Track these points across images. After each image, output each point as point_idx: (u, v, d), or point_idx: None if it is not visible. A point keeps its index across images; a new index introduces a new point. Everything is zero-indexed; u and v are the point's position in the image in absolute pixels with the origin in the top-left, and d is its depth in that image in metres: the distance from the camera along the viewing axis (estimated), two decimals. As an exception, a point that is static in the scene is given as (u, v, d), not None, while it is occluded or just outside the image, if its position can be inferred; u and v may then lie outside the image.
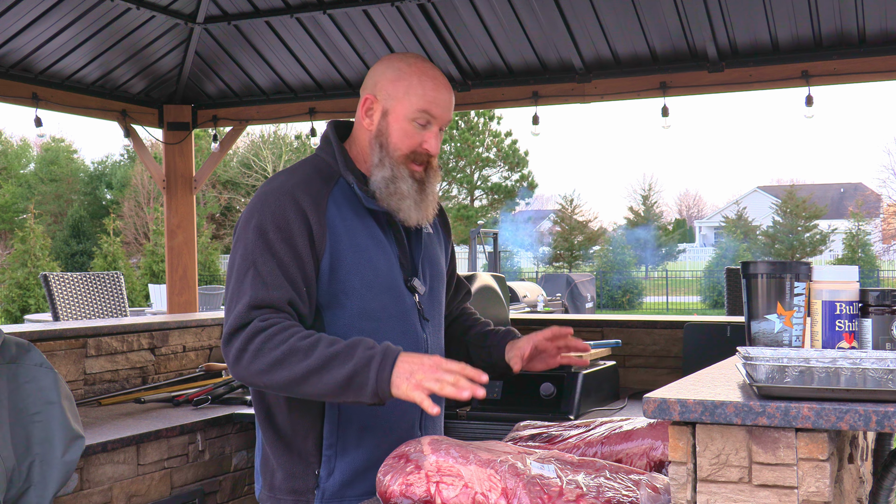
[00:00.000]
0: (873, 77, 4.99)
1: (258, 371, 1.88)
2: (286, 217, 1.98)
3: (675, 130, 76.58)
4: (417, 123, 2.05)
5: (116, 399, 3.49)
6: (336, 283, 2.00)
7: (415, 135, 2.05)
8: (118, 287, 5.79)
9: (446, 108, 2.08)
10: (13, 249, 19.37)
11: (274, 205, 1.99)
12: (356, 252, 2.02)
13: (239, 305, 1.93)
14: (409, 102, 2.04)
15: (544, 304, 16.86)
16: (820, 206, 36.44)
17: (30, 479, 2.33)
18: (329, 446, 2.02)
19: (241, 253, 1.99)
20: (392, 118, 2.05)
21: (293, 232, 1.97)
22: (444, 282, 2.25)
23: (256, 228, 1.98)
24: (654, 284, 32.24)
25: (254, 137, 33.65)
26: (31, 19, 5.12)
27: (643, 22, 5.04)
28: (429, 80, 2.06)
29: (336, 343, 1.88)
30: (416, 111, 2.04)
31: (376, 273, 2.04)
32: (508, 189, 34.27)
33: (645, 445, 1.94)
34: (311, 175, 2.06)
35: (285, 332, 1.89)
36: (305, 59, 5.93)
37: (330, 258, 2.00)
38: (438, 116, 2.06)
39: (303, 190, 2.01)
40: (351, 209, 2.05)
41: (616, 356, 3.68)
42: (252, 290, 1.93)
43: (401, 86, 2.05)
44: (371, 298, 2.03)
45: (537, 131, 5.88)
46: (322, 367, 1.84)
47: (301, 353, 1.86)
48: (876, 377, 1.37)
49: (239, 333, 1.91)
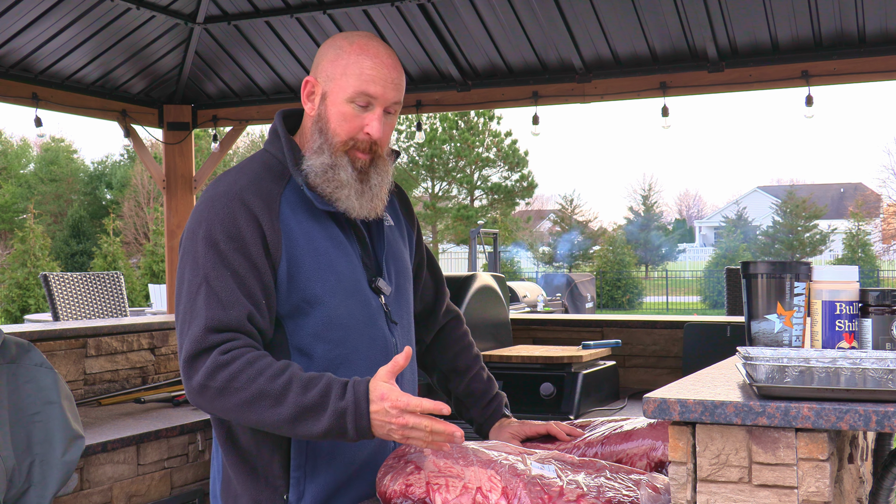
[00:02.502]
0: (873, 77, 4.99)
1: (224, 409, 1.74)
2: (237, 224, 1.80)
3: (675, 130, 76.61)
4: (357, 105, 1.87)
5: (116, 399, 3.49)
6: (296, 291, 1.84)
7: (354, 118, 1.87)
8: (118, 287, 5.79)
9: (389, 86, 1.88)
10: (13, 249, 19.37)
11: (223, 211, 1.81)
12: (315, 256, 1.86)
13: (193, 328, 1.76)
14: (345, 83, 1.86)
15: (544, 304, 16.87)
16: (820, 206, 36.46)
17: (30, 479, 2.33)
18: (297, 467, 1.86)
19: (191, 268, 1.81)
20: (330, 101, 1.88)
21: (246, 240, 1.80)
22: (410, 278, 2.09)
23: (205, 239, 1.80)
24: (654, 284, 32.25)
25: (254, 137, 33.66)
26: (31, 19, 5.12)
27: (643, 22, 5.04)
28: (367, 58, 1.87)
29: (308, 388, 1.71)
30: (354, 92, 1.86)
31: (339, 278, 1.87)
32: (508, 189, 34.26)
33: (645, 446, 1.93)
34: (261, 174, 1.88)
35: (251, 367, 1.72)
36: (305, 59, 5.93)
37: (287, 265, 1.83)
38: (379, 96, 1.87)
39: (252, 192, 1.84)
40: (305, 209, 1.89)
41: (616, 356, 3.68)
42: (207, 311, 1.76)
43: (339, 65, 1.88)
44: (336, 305, 1.86)
45: (537, 131, 5.87)
46: (295, 418, 1.71)
47: (271, 399, 1.71)
48: (876, 377, 1.37)
49: (197, 362, 1.75)
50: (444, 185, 34.18)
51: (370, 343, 1.92)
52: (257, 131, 33.65)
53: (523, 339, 3.97)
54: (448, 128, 33.23)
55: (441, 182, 33.86)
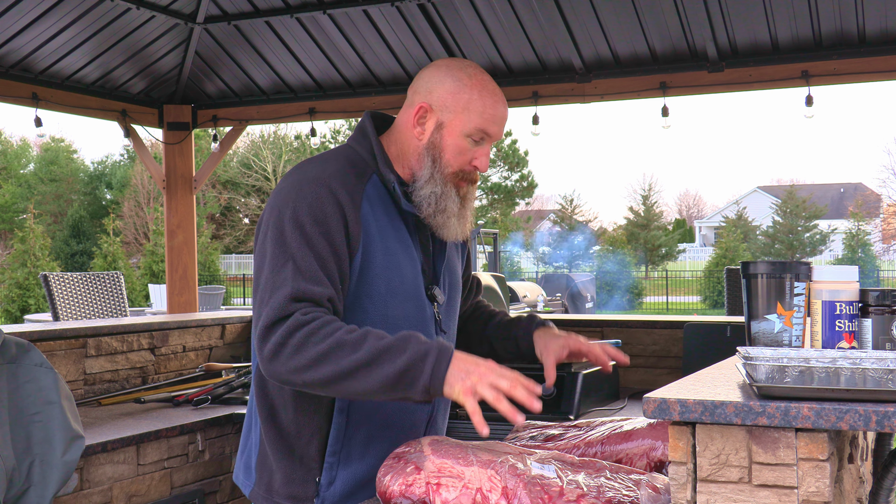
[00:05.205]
0: (873, 77, 4.99)
1: (298, 367, 1.76)
2: (323, 209, 1.85)
3: (675, 130, 76.62)
4: (472, 140, 1.94)
5: (116, 399, 3.49)
6: (363, 285, 1.90)
7: (468, 151, 1.95)
8: (118, 287, 5.79)
9: (503, 125, 1.98)
10: (13, 249, 19.38)
11: (311, 195, 1.86)
12: (386, 255, 1.92)
13: (277, 296, 1.79)
14: (467, 119, 1.93)
15: (544, 304, 16.87)
16: (820, 206, 36.50)
17: (30, 479, 2.33)
18: (332, 453, 1.93)
19: (277, 242, 1.84)
20: (447, 132, 1.94)
21: (330, 226, 1.84)
22: (460, 291, 2.16)
23: (292, 220, 1.84)
24: (654, 284, 32.25)
25: (254, 137, 33.70)
26: (31, 19, 5.12)
27: (643, 22, 5.04)
28: (489, 96, 1.94)
29: (385, 336, 1.76)
30: (474, 128, 1.93)
31: (402, 279, 1.94)
32: (508, 189, 34.28)
33: (645, 445, 1.94)
34: (345, 167, 1.93)
35: (329, 325, 1.76)
36: (305, 59, 5.93)
37: (362, 258, 1.89)
38: (494, 135, 1.96)
39: (339, 182, 1.89)
40: (383, 209, 1.94)
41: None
42: (293, 282, 1.80)
43: (461, 99, 1.93)
44: (394, 305, 1.93)
45: (537, 131, 5.88)
46: (372, 360, 1.72)
47: (349, 346, 1.74)
48: (876, 377, 1.37)
49: (278, 326, 1.77)
50: (444, 185, 34.16)
51: None
52: (257, 131, 33.66)
53: (523, 339, 3.97)
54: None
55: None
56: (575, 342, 2.11)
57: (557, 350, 2.11)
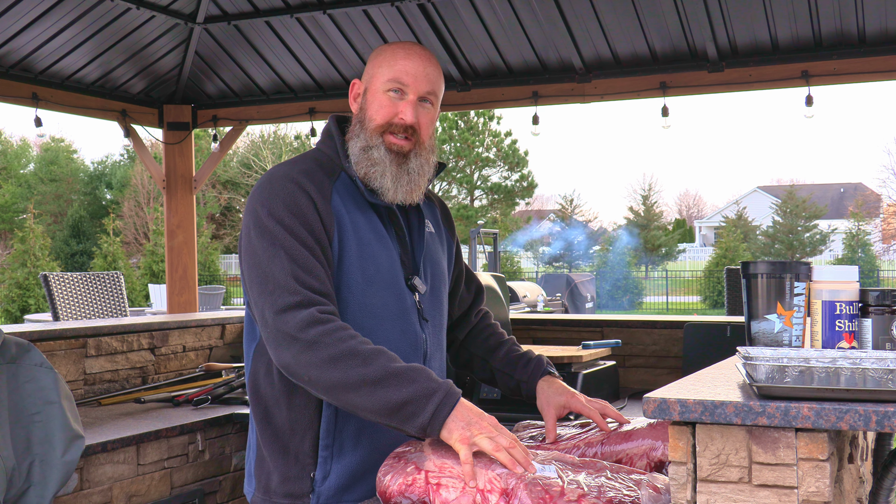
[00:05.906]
0: (873, 77, 4.99)
1: (308, 363, 1.79)
2: (297, 202, 1.91)
3: (675, 130, 76.65)
4: (391, 94, 2.01)
5: (116, 399, 3.49)
6: (340, 275, 1.95)
7: (389, 105, 2.01)
8: (118, 287, 5.79)
9: (420, 76, 2.02)
10: (13, 249, 19.37)
11: (282, 191, 1.93)
12: (360, 245, 1.97)
13: (280, 283, 1.84)
14: (381, 74, 2.02)
15: (544, 304, 16.87)
16: (820, 206, 36.48)
17: (30, 479, 2.33)
18: (325, 447, 1.96)
19: (263, 238, 1.89)
20: (370, 94, 2.04)
21: (307, 216, 1.91)
22: (445, 282, 2.20)
23: (271, 215, 1.90)
24: (654, 284, 32.25)
25: (254, 137, 33.67)
26: (31, 19, 5.12)
27: (643, 22, 5.04)
28: (400, 50, 2.04)
29: (397, 360, 1.79)
30: (387, 80, 2.01)
31: (377, 268, 1.98)
32: (508, 189, 34.28)
33: (645, 446, 1.94)
34: (313, 167, 2.01)
35: (345, 330, 1.80)
36: (305, 59, 5.93)
37: (338, 248, 1.95)
38: (410, 84, 2.01)
39: (307, 178, 1.96)
40: (354, 203, 2.01)
41: (616, 356, 3.68)
42: (291, 269, 1.85)
43: (376, 62, 2.05)
44: (372, 294, 1.97)
45: (537, 131, 5.88)
46: (379, 380, 1.75)
47: (360, 358, 1.77)
48: (876, 377, 1.37)
49: (288, 314, 1.81)
50: (445, 185, 34.19)
51: (401, 336, 2.01)
52: (257, 131, 33.65)
53: (523, 339, 3.97)
54: (448, 128, 33.27)
55: (441, 182, 33.89)
56: (577, 404, 2.12)
57: (559, 408, 2.13)
